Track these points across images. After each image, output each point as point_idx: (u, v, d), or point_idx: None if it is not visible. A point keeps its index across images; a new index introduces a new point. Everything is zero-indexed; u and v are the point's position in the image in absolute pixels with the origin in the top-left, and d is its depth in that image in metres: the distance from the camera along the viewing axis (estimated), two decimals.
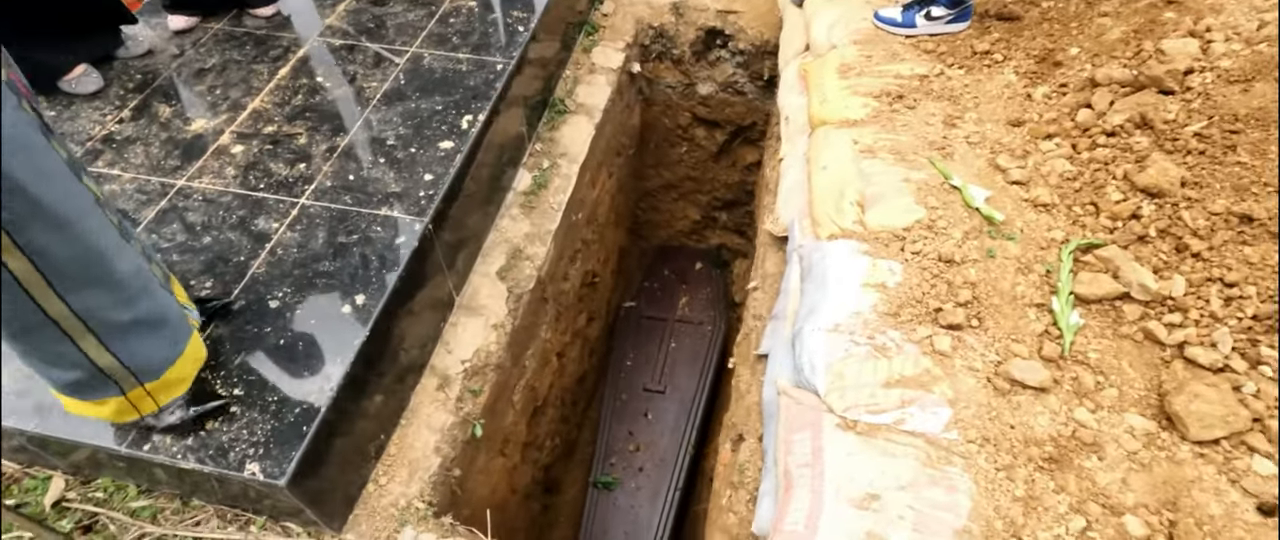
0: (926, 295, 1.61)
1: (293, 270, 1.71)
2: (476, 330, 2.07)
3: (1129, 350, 1.53)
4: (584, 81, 2.95)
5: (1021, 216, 1.79)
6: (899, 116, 2.10)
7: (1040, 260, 1.69)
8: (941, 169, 1.88)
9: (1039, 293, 1.64)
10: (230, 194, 1.89)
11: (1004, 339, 1.55)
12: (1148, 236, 1.67)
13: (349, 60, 2.35)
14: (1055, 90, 2.08)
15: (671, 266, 4.23)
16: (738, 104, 3.50)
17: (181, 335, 1.37)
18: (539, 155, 2.61)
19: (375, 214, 1.84)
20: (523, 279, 2.25)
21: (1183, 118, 1.80)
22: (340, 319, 1.62)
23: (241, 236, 1.79)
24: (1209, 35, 1.97)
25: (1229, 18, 2.03)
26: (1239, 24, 1.99)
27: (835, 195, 1.89)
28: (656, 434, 3.52)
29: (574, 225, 2.71)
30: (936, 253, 1.68)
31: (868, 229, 1.79)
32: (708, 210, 4.17)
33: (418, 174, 1.94)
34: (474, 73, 2.28)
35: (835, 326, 1.58)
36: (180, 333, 1.37)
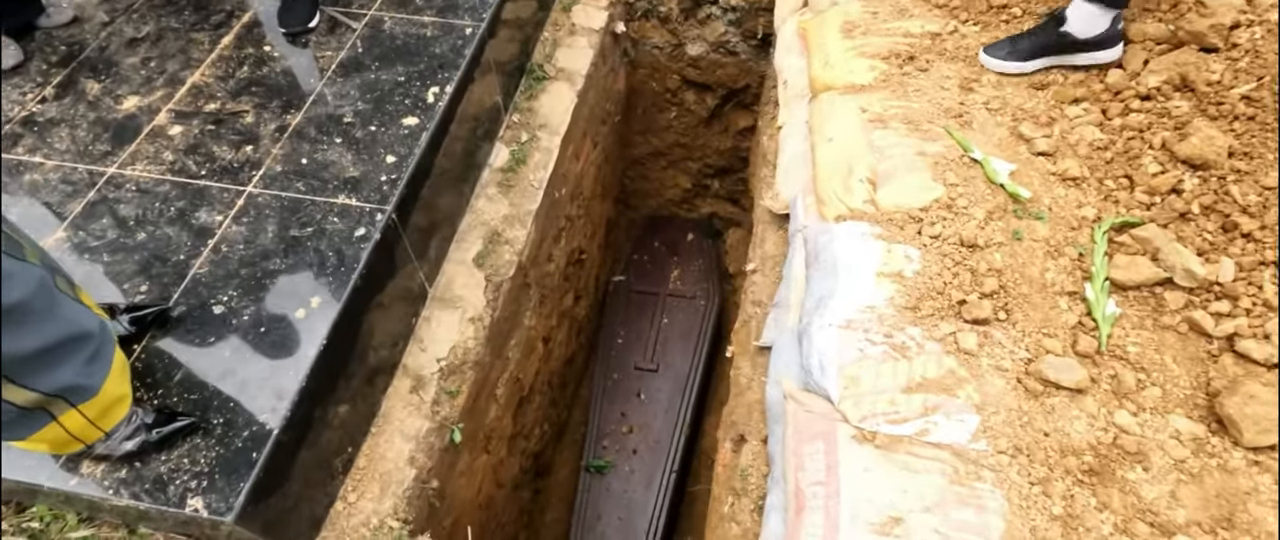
0: (948, 285, 1.45)
1: (239, 270, 1.52)
2: (452, 325, 1.89)
3: (1172, 343, 1.38)
4: (564, 44, 2.71)
5: (1049, 192, 1.62)
6: (911, 80, 1.91)
7: (1071, 242, 1.53)
8: (960, 140, 1.70)
9: (1071, 279, 1.48)
10: (167, 182, 1.68)
11: (1035, 333, 1.40)
12: (1190, 214, 1.51)
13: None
14: None
15: (662, 238, 4.05)
16: (730, 65, 3.28)
17: (107, 345, 1.19)
18: (517, 127, 2.40)
19: (332, 203, 1.64)
20: (502, 265, 2.07)
21: (1228, 79, 1.62)
22: (294, 325, 1.44)
23: (181, 231, 1.59)
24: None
25: None
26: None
27: (843, 171, 1.71)
28: (650, 415, 3.39)
29: (557, 202, 2.52)
30: (958, 236, 1.51)
31: (880, 209, 1.62)
32: (699, 178, 3.97)
33: (379, 155, 1.74)
34: (440, 38, 2.06)
35: (847, 322, 1.42)
36: (105, 343, 1.19)
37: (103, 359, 1.18)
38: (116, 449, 1.26)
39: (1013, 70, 1.87)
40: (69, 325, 1.11)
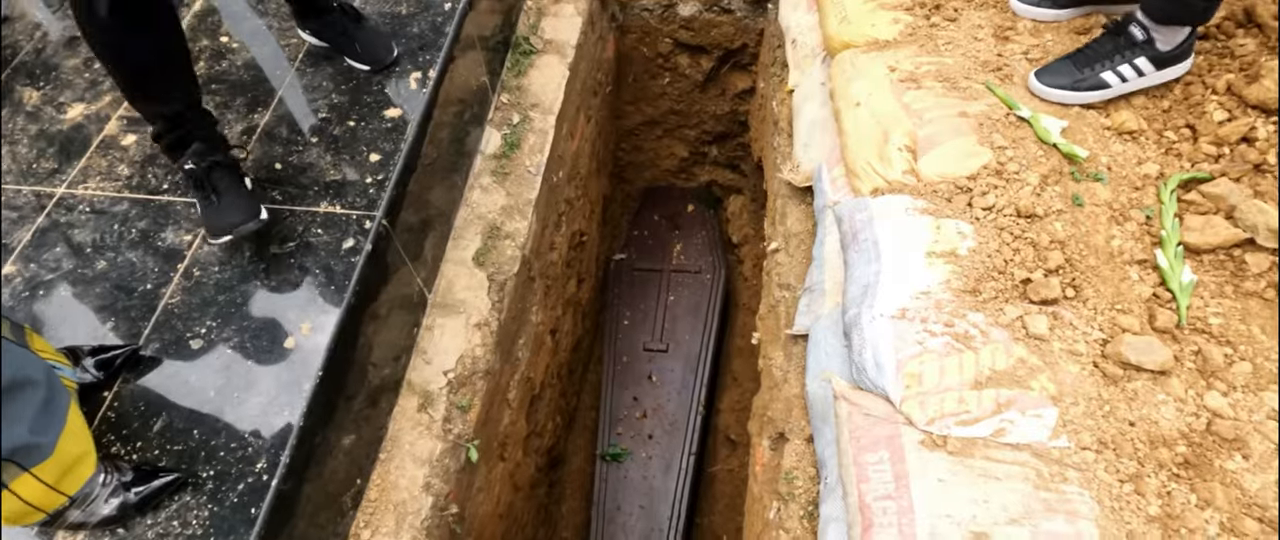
0: (1009, 263, 1.31)
1: (216, 296, 1.36)
2: (457, 332, 1.74)
3: (1258, 311, 1.26)
4: (550, 12, 2.51)
5: (1106, 150, 1.47)
6: (940, 32, 1.74)
7: (1136, 204, 1.40)
8: (1003, 96, 1.54)
9: (1140, 246, 1.35)
10: (125, 200, 1.50)
11: (1108, 311, 1.27)
12: (1266, 165, 1.37)
13: (262, 10, 1.89)
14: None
15: (660, 211, 3.89)
16: (725, 24, 3.07)
17: (59, 396, 1.04)
18: (507, 108, 2.21)
19: (314, 212, 1.47)
20: (505, 262, 1.91)
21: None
22: (284, 356, 1.29)
23: (146, 256, 1.42)
24: None
25: None
26: None
27: (877, 139, 1.55)
28: (663, 397, 3.27)
29: (556, 187, 2.35)
30: (1013, 206, 1.37)
31: (923, 180, 1.47)
32: (696, 146, 3.78)
33: (361, 154, 1.56)
34: (418, 16, 1.85)
35: (902, 311, 1.28)
36: (57, 394, 1.03)
37: (54, 412, 1.02)
38: (93, 514, 1.11)
39: (1048, 16, 1.70)
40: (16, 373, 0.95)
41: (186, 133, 1.34)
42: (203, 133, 1.37)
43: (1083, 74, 1.50)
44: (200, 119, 1.39)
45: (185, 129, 1.34)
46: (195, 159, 1.32)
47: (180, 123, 1.34)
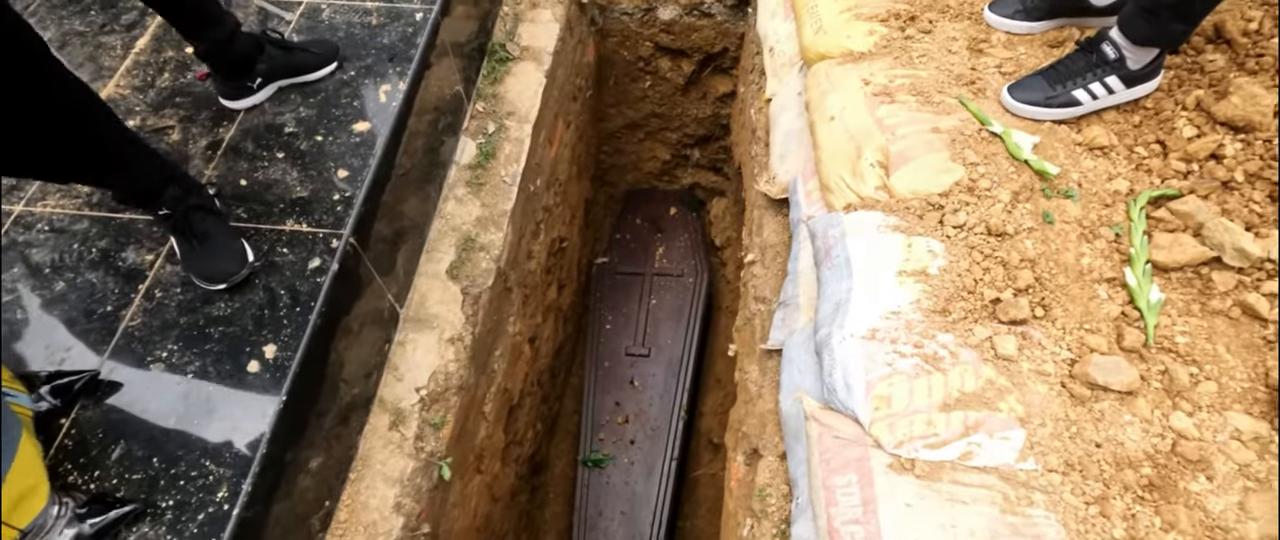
0: (979, 282, 1.30)
1: (178, 318, 1.33)
2: (430, 347, 1.72)
3: (1224, 330, 1.26)
4: (526, 18, 2.48)
5: (1077, 165, 1.48)
6: (914, 44, 1.73)
7: (1106, 221, 1.40)
8: (976, 112, 1.54)
9: (1109, 264, 1.35)
10: (86, 218, 1.47)
11: (1076, 330, 1.27)
12: (1234, 182, 1.38)
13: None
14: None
15: (643, 213, 3.87)
16: (706, 28, 3.06)
17: (9, 430, 1.01)
18: (482, 117, 2.19)
19: (279, 230, 1.44)
20: (479, 275, 1.89)
21: (1268, 27, 1.47)
22: (248, 380, 1.26)
23: (106, 276, 1.39)
24: None
25: None
26: None
27: (850, 153, 1.55)
28: (645, 402, 3.27)
29: (533, 195, 2.33)
30: (984, 224, 1.37)
31: (895, 196, 1.46)
32: (678, 148, 3.77)
33: (329, 170, 1.54)
34: (388, 25, 1.83)
35: (871, 332, 1.28)
36: (6, 426, 1.01)
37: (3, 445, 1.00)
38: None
39: (1022, 29, 1.70)
40: None
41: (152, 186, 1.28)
42: (173, 177, 1.32)
43: (1055, 91, 1.50)
44: (166, 171, 1.32)
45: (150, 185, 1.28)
46: (171, 205, 1.28)
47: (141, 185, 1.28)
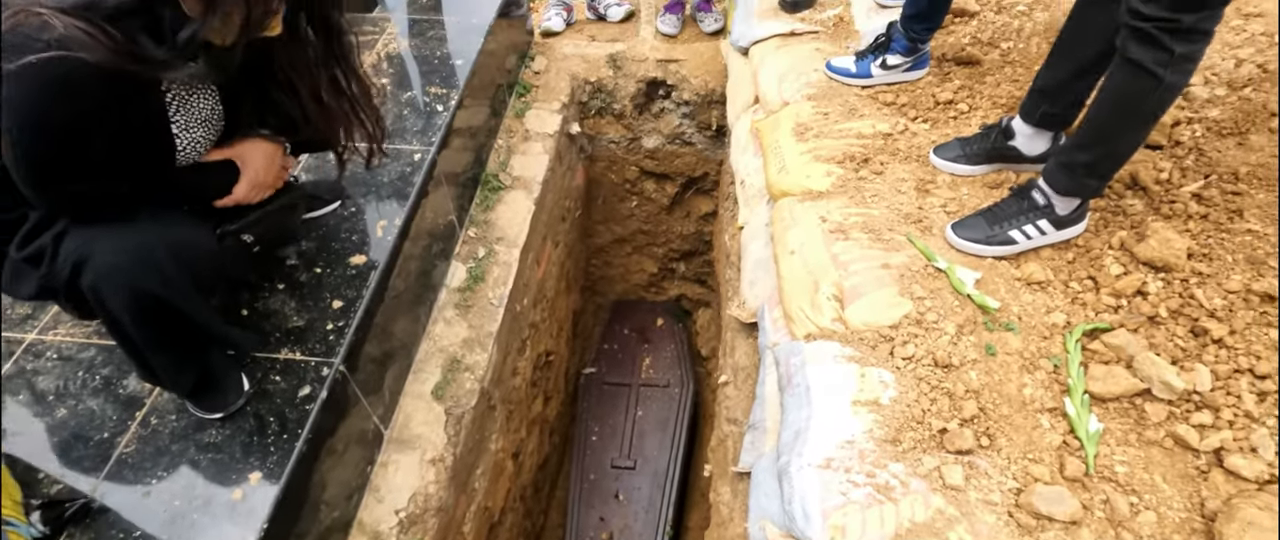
0: (927, 413, 1.39)
1: (170, 445, 1.40)
2: (411, 468, 1.77)
3: (1160, 460, 1.34)
4: (519, 151, 2.69)
5: (1017, 299, 1.60)
6: (868, 185, 1.90)
7: (1045, 353, 1.50)
8: (923, 249, 1.68)
9: (1050, 394, 1.44)
10: (93, 347, 1.57)
11: (1020, 459, 1.34)
12: (1159, 317, 1.49)
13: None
14: None
15: (630, 324, 3.98)
16: (687, 155, 3.29)
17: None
18: (474, 242, 2.33)
19: (273, 359, 1.54)
20: (463, 395, 1.97)
21: (1177, 177, 1.64)
22: (231, 508, 1.32)
23: (106, 403, 1.47)
24: None
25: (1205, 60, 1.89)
26: (1216, 64, 1.86)
27: (809, 286, 1.67)
28: (630, 515, 3.24)
29: (519, 315, 2.44)
30: (931, 356, 1.47)
31: (850, 328, 1.57)
32: (665, 262, 3.94)
33: (325, 300, 1.65)
34: (388, 165, 2.00)
35: (827, 461, 1.35)
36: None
37: None
38: None
39: (965, 172, 1.88)
40: None
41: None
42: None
43: (993, 231, 1.65)
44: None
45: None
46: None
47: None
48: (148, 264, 1.14)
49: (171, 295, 1.16)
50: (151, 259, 1.14)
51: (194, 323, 1.23)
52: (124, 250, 1.13)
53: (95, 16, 0.97)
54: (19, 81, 0.94)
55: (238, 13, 1.04)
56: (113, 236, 1.14)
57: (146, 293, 1.14)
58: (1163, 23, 1.22)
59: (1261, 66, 1.77)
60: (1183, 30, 1.21)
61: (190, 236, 1.24)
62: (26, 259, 1.17)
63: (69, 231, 1.15)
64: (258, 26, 1.08)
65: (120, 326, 1.20)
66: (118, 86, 1.01)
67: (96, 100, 1.00)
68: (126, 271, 1.13)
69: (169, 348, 1.27)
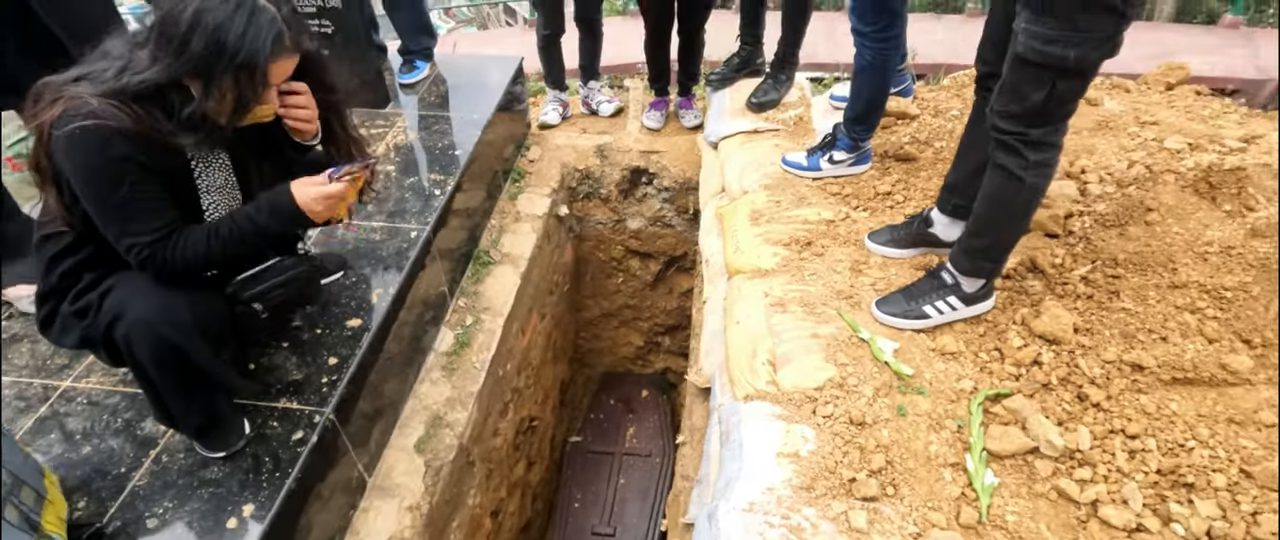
0: (839, 464, 1.57)
1: (177, 480, 1.60)
2: (390, 515, 1.94)
3: (1045, 510, 1.50)
4: (510, 230, 2.97)
5: (930, 367, 1.80)
6: (808, 265, 2.14)
7: (951, 415, 1.69)
8: (850, 321, 1.90)
9: (953, 451, 1.62)
10: (118, 394, 1.79)
11: (921, 507, 1.51)
12: (1051, 384, 1.69)
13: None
14: None
15: (616, 394, 4.16)
16: (668, 236, 3.57)
17: None
18: (462, 311, 2.58)
19: (273, 407, 1.75)
20: (443, 449, 2.16)
21: (1069, 262, 1.87)
22: (226, 535, 1.51)
23: (125, 443, 1.68)
24: (1085, 176, 2.10)
25: (1102, 159, 2.17)
26: (1111, 165, 2.13)
27: (749, 353, 1.89)
28: None
29: (502, 379, 2.65)
30: (847, 415, 1.66)
31: (781, 390, 1.78)
32: (650, 336, 4.15)
33: (322, 358, 1.88)
34: (388, 241, 2.28)
35: (750, 505, 1.52)
36: None
37: None
38: None
39: (894, 255, 2.12)
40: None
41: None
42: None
43: (910, 306, 1.87)
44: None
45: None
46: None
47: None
48: (171, 320, 1.38)
49: (188, 346, 1.40)
50: (174, 316, 1.39)
51: (205, 371, 1.46)
52: (152, 307, 1.38)
53: (122, 98, 1.27)
54: (69, 140, 1.24)
55: (230, 94, 1.33)
56: (145, 296, 1.39)
57: (168, 343, 1.38)
58: (1017, 135, 1.48)
59: (1149, 167, 2.03)
60: (1033, 142, 1.48)
61: (207, 300, 1.49)
62: (75, 312, 1.42)
63: (111, 291, 1.40)
64: (246, 109, 1.36)
65: (144, 371, 1.43)
66: (143, 146, 1.29)
67: (126, 153, 1.27)
68: (153, 325, 1.37)
69: (183, 392, 1.50)
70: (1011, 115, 1.46)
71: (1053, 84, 1.36)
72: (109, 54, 1.31)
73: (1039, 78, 1.36)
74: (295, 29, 1.36)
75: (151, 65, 1.28)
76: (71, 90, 1.25)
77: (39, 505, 1.36)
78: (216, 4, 1.25)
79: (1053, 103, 1.39)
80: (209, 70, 1.28)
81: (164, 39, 1.26)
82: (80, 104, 1.23)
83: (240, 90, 1.32)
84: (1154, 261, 1.74)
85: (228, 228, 1.41)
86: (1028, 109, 1.42)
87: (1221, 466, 1.42)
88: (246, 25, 1.26)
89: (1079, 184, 2.07)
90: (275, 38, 1.30)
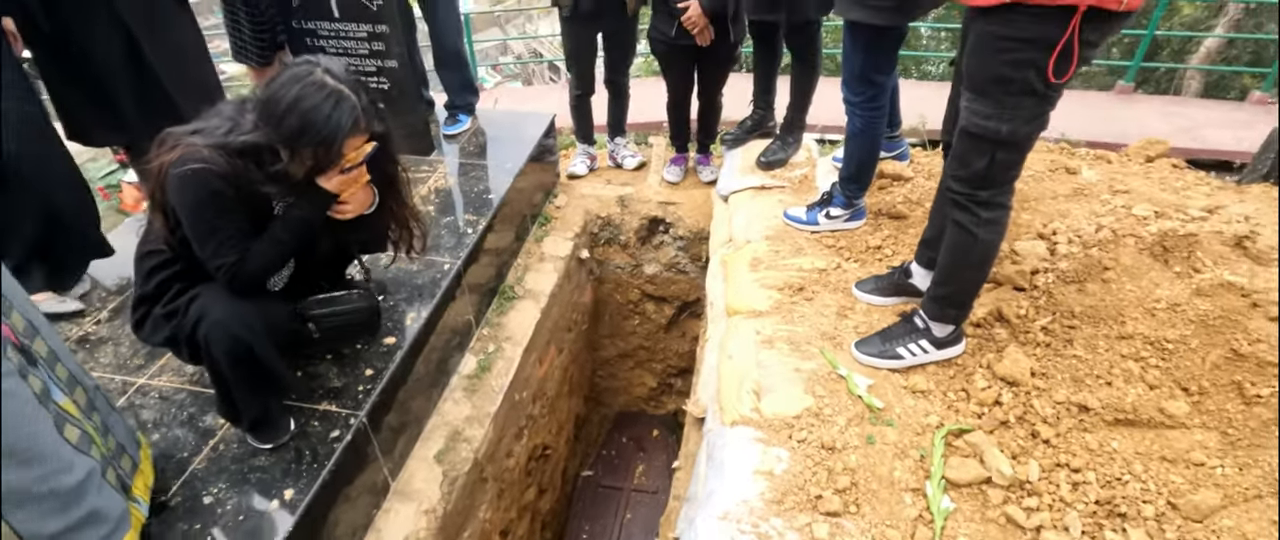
0: (808, 482, 1.75)
1: (230, 465, 1.85)
2: (408, 516, 2.16)
3: (995, 534, 1.65)
4: (534, 269, 3.24)
5: (900, 403, 1.97)
6: (798, 308, 2.35)
7: (916, 445, 1.86)
8: (830, 359, 2.10)
9: (915, 477, 1.79)
10: (185, 392, 2.07)
11: (880, 524, 1.67)
12: (1009, 422, 1.85)
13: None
14: None
15: (629, 433, 4.33)
16: (681, 282, 3.80)
17: (120, 530, 1.49)
18: (486, 339, 2.83)
19: (314, 409, 2.01)
20: (459, 461, 2.38)
21: (1032, 313, 2.05)
22: (267, 515, 1.74)
23: (188, 433, 1.94)
24: (1055, 237, 2.29)
25: (1073, 222, 2.36)
26: (1081, 228, 2.31)
27: (737, 383, 2.09)
28: None
29: (518, 404, 2.87)
30: (820, 440, 1.85)
31: (763, 416, 1.97)
32: (663, 377, 4.34)
33: (360, 369, 2.14)
34: (423, 271, 2.56)
35: (725, 514, 1.71)
36: (120, 527, 1.49)
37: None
38: None
39: (877, 302, 2.32)
40: (91, 510, 1.43)
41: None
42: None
43: (886, 347, 2.06)
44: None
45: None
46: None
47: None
48: (244, 323, 1.66)
49: (256, 345, 1.67)
50: (247, 320, 1.67)
51: (266, 367, 1.73)
52: (230, 312, 1.66)
53: (226, 151, 1.58)
54: (181, 179, 1.55)
55: (309, 161, 1.63)
56: (224, 303, 1.67)
57: (241, 342, 1.65)
58: (967, 196, 1.70)
59: (1114, 230, 2.21)
60: (982, 202, 1.69)
61: (274, 311, 1.77)
62: (165, 315, 1.71)
63: (196, 299, 1.69)
64: (319, 173, 1.66)
65: (218, 366, 1.70)
66: (237, 187, 1.59)
67: (222, 191, 1.57)
68: (229, 326, 1.65)
69: (247, 387, 1.76)
70: (960, 178, 1.69)
71: (993, 154, 1.58)
72: (221, 113, 1.64)
73: (979, 147, 1.59)
74: (369, 115, 1.67)
75: (253, 130, 1.59)
76: (188, 140, 1.57)
77: (132, 472, 1.62)
78: (312, 92, 1.56)
79: (995, 169, 1.61)
80: (295, 142, 1.59)
81: (267, 112, 1.58)
82: (194, 151, 1.55)
83: (317, 159, 1.63)
84: (1106, 315, 1.91)
85: (278, 225, 1.70)
86: (973, 174, 1.64)
87: (1151, 498, 1.57)
88: (331, 111, 1.57)
89: (1049, 244, 2.26)
90: (353, 123, 1.61)
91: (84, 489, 1.40)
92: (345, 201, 1.78)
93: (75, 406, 1.43)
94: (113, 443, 1.49)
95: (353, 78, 1.65)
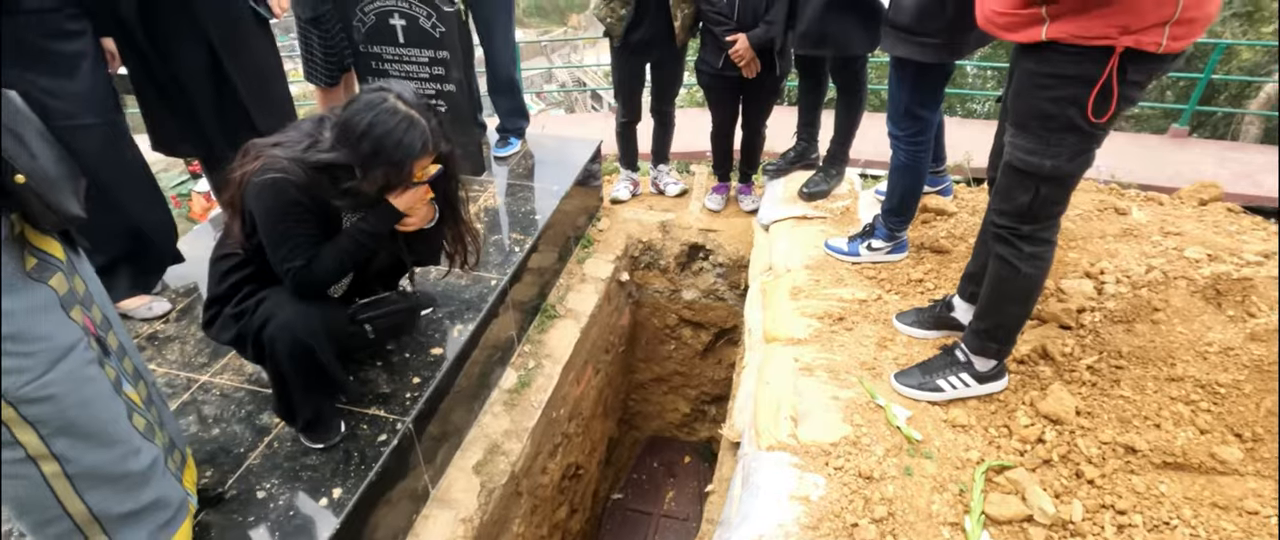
0: (845, 510, 1.75)
1: (284, 462, 1.93)
2: (446, 523, 2.21)
3: None
4: (575, 289, 3.31)
5: (940, 436, 1.96)
6: (837, 337, 2.36)
7: (955, 480, 1.84)
8: (869, 388, 2.10)
9: (953, 511, 1.77)
10: (244, 390, 2.17)
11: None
12: (1051, 460, 1.83)
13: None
14: None
15: (660, 458, 4.33)
16: (719, 309, 3.83)
17: (180, 515, 1.57)
18: (526, 356, 2.89)
19: (364, 413, 2.09)
20: (496, 473, 2.43)
21: (1078, 352, 2.03)
22: (316, 511, 1.81)
23: (245, 429, 2.04)
24: (1103, 277, 2.26)
25: (1122, 262, 2.33)
26: (1130, 268, 2.29)
27: (774, 409, 2.10)
28: None
29: (554, 421, 2.92)
30: (857, 469, 1.85)
31: (800, 442, 1.98)
32: (697, 404, 4.34)
33: (407, 377, 2.22)
34: (471, 286, 2.64)
35: (759, 537, 1.72)
36: (179, 514, 1.57)
37: (173, 527, 1.56)
38: None
39: (918, 335, 2.31)
40: (163, 496, 1.52)
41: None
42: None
43: (925, 379, 2.06)
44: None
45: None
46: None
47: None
48: (307, 326, 1.75)
49: (317, 347, 1.76)
50: (310, 323, 1.76)
51: (324, 368, 1.81)
52: (294, 315, 1.75)
53: (304, 164, 1.68)
54: (260, 188, 1.65)
55: (380, 181, 1.73)
56: (289, 307, 1.77)
57: (302, 344, 1.74)
58: (1010, 230, 1.71)
59: (1165, 272, 2.18)
60: (1026, 236, 1.70)
61: (335, 316, 1.87)
62: (235, 315, 1.82)
63: (264, 301, 1.79)
64: (389, 191, 1.76)
65: (280, 366, 1.79)
66: (311, 197, 1.70)
67: (297, 201, 1.68)
68: (293, 328, 1.74)
69: (305, 386, 1.85)
70: (1004, 212, 1.70)
71: (1037, 189, 1.60)
72: (300, 129, 1.76)
73: (1024, 183, 1.60)
74: (437, 138, 1.77)
75: (330, 149, 1.70)
76: (269, 152, 1.69)
77: (182, 467, 1.71)
78: (387, 117, 1.67)
79: (1039, 204, 1.62)
80: (369, 163, 1.69)
81: (344, 134, 1.69)
82: (273, 162, 1.66)
83: (387, 179, 1.74)
84: (1155, 356, 1.88)
85: (345, 236, 1.79)
86: (1016, 208, 1.66)
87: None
88: (403, 136, 1.68)
89: (1096, 283, 2.23)
90: (423, 146, 1.71)
91: (150, 474, 1.49)
92: (410, 216, 1.87)
93: (139, 398, 1.53)
94: (166, 437, 1.59)
95: (423, 102, 1.75)
